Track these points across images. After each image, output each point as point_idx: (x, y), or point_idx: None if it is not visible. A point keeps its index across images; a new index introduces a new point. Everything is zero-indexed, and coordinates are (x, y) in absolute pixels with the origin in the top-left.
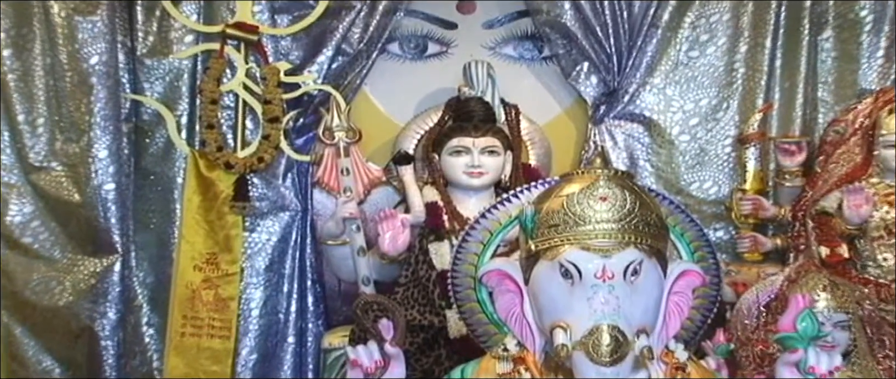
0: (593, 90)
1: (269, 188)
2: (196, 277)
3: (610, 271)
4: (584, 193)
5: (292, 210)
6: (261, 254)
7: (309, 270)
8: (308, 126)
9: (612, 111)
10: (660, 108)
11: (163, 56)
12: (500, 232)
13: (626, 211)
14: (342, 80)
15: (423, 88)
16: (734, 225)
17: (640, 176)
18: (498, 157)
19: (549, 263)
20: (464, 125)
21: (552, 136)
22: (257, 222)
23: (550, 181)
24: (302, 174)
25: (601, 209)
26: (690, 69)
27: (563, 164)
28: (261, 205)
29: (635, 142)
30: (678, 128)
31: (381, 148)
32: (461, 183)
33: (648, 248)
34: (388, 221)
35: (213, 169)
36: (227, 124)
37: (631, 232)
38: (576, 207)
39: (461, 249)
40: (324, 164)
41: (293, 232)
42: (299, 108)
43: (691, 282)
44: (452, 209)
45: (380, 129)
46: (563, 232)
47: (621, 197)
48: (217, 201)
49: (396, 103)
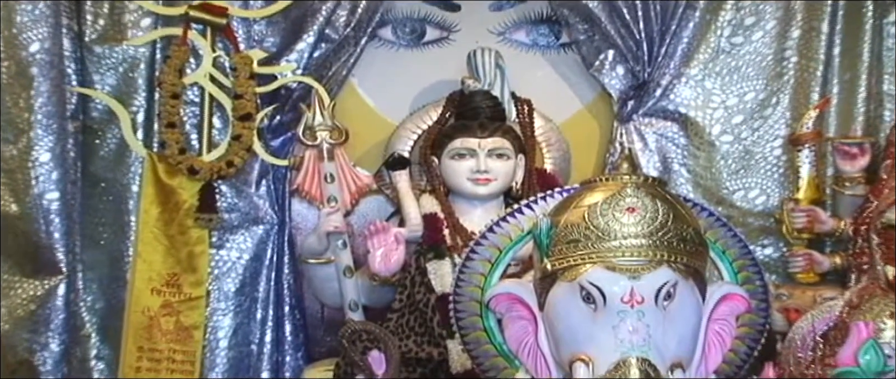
0: (620, 83)
1: (240, 197)
2: (154, 302)
3: (639, 295)
4: (608, 204)
5: (267, 223)
6: (230, 274)
7: (286, 293)
8: (286, 125)
9: (641, 107)
10: (697, 104)
11: (115, 43)
12: (510, 249)
13: (658, 224)
14: (326, 71)
15: (420, 81)
16: (785, 241)
17: (675, 183)
18: (508, 162)
19: (567, 284)
20: (468, 124)
21: (571, 137)
22: (226, 237)
23: (569, 189)
24: (278, 181)
25: (629, 222)
26: (733, 58)
27: (583, 170)
28: (230, 217)
29: (669, 143)
30: (719, 127)
31: (372, 150)
32: (465, 191)
33: (684, 267)
34: (379, 236)
35: (175, 175)
36: (190, 123)
37: (664, 249)
38: (599, 220)
39: (465, 269)
40: (304, 169)
41: (268, 249)
42: (275, 104)
43: (735, 307)
44: (455, 222)
45: (370, 129)
46: (584, 249)
47: (652, 208)
48: (179, 213)
49: (389, 98)
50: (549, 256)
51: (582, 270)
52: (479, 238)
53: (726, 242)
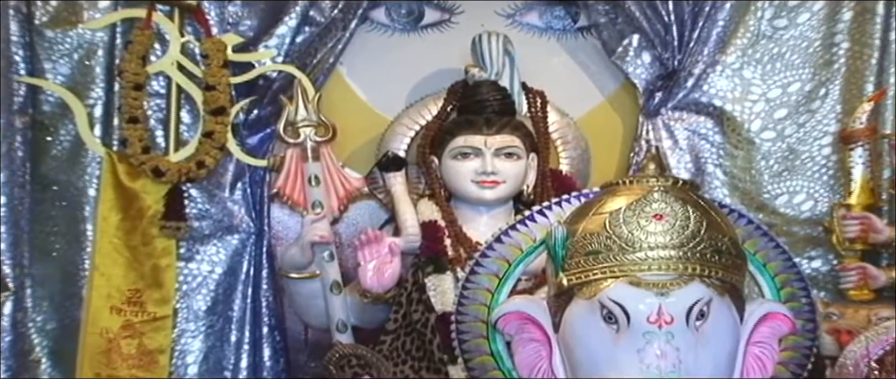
0: (646, 72)
1: (211, 203)
2: (114, 323)
3: (668, 314)
4: (632, 210)
5: (243, 232)
6: (201, 291)
7: (265, 312)
8: (264, 120)
9: (670, 100)
10: (735, 96)
11: (70, 26)
12: (520, 261)
13: (690, 233)
14: (310, 59)
15: (417, 70)
16: (835, 252)
17: (709, 186)
18: (518, 162)
19: (586, 302)
20: (472, 119)
21: (590, 133)
22: (196, 249)
23: (588, 193)
24: (256, 184)
25: (656, 231)
26: (776, 43)
27: (604, 171)
28: (201, 225)
29: (702, 141)
30: (760, 122)
31: (363, 149)
32: (469, 195)
33: (719, 282)
34: (371, 247)
35: (137, 177)
36: (155, 117)
37: (696, 261)
38: (622, 229)
39: (469, 285)
40: (286, 170)
41: (244, 261)
42: (253, 97)
43: (777, 328)
44: (457, 230)
45: (361, 124)
46: (605, 261)
47: (682, 215)
48: (142, 221)
49: (382, 89)
50: (566, 269)
51: (603, 286)
52: (486, 249)
53: (767, 253)
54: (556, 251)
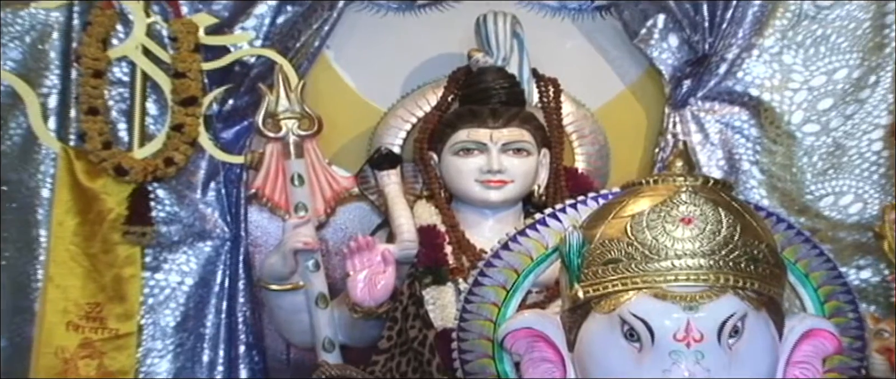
0: (673, 57)
1: (181, 205)
2: (70, 341)
3: (697, 331)
4: (657, 213)
5: (217, 238)
6: (169, 304)
7: (242, 328)
8: (241, 111)
9: (700, 88)
10: (773, 84)
11: (21, 5)
12: (530, 271)
13: (722, 239)
14: (293, 42)
15: (414, 55)
16: (887, 261)
17: (744, 186)
18: (528, 159)
19: (605, 317)
20: (477, 110)
21: (610, 127)
22: (164, 257)
23: (607, 194)
24: (231, 184)
25: (683, 237)
26: (820, 24)
27: (626, 169)
28: (169, 230)
29: (736, 135)
30: (802, 113)
31: (353, 144)
32: (473, 197)
33: (755, 295)
34: (361, 255)
35: (98, 176)
36: (118, 108)
37: (729, 271)
38: (645, 234)
39: (473, 297)
40: (265, 168)
41: (218, 271)
42: (228, 85)
43: (821, 347)
44: (459, 236)
45: (350, 116)
46: (626, 271)
47: (714, 218)
48: (102, 225)
49: (375, 77)
50: (582, 280)
51: (623, 299)
52: (491, 258)
53: (810, 262)
54: (570, 260)
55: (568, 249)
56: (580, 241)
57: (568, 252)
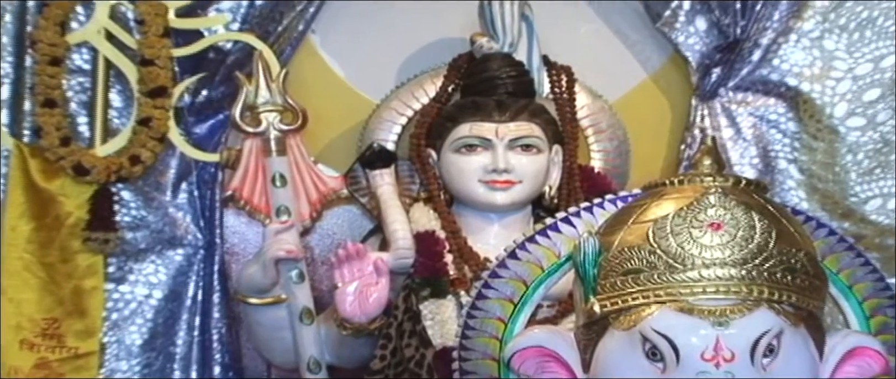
0: (700, 42)
1: (149, 208)
2: (25, 361)
3: (727, 349)
4: (683, 218)
5: (189, 246)
6: (135, 320)
7: (217, 347)
8: (216, 104)
9: (732, 78)
10: (814, 73)
11: None
12: (541, 282)
13: (755, 247)
14: (274, 26)
15: (410, 40)
16: None
17: (781, 187)
18: (538, 157)
19: (624, 334)
20: (480, 102)
21: (630, 120)
22: (129, 267)
23: (627, 196)
24: (205, 185)
25: (712, 244)
26: (866, 5)
27: (647, 168)
28: (135, 237)
29: (771, 129)
30: (845, 105)
31: (341, 140)
32: (476, 199)
33: (792, 309)
34: (351, 265)
35: (55, 176)
36: (78, 100)
37: (763, 283)
38: (669, 241)
39: (476, 312)
40: (243, 167)
41: (190, 283)
42: (201, 73)
43: (866, 367)
44: (461, 244)
45: (338, 109)
46: (648, 282)
47: (746, 223)
48: (61, 231)
49: (366, 65)
50: (598, 293)
51: (645, 314)
52: (497, 267)
53: (854, 272)
54: (585, 270)
55: (583, 258)
56: (596, 248)
57: (583, 261)
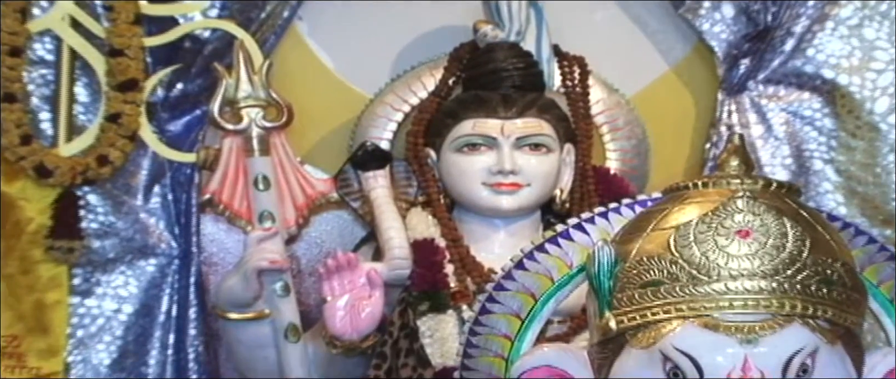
0: (727, 30)
1: (118, 214)
2: None
3: (757, 369)
4: (707, 224)
5: (162, 255)
6: (103, 338)
7: (193, 367)
8: (192, 98)
9: (761, 70)
10: (852, 64)
11: None
12: (550, 296)
13: (787, 257)
14: (257, 12)
15: (406, 28)
16: None
17: (816, 190)
18: (548, 157)
19: (643, 352)
20: (485, 96)
21: (649, 117)
22: (97, 279)
23: (645, 200)
24: (180, 188)
25: (740, 254)
26: None
27: (668, 169)
28: (103, 245)
29: (806, 126)
30: (888, 100)
31: (331, 138)
32: (480, 203)
33: (828, 325)
34: (342, 276)
35: (15, 178)
36: (40, 95)
37: (796, 296)
38: (693, 250)
39: (480, 328)
40: (222, 168)
41: (164, 296)
42: (176, 65)
43: None
44: (463, 253)
45: (327, 104)
46: (668, 296)
47: (777, 231)
48: (20, 240)
49: (358, 55)
50: (615, 307)
51: (666, 330)
52: (502, 279)
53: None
54: (600, 282)
55: (597, 269)
56: (612, 258)
57: (597, 272)
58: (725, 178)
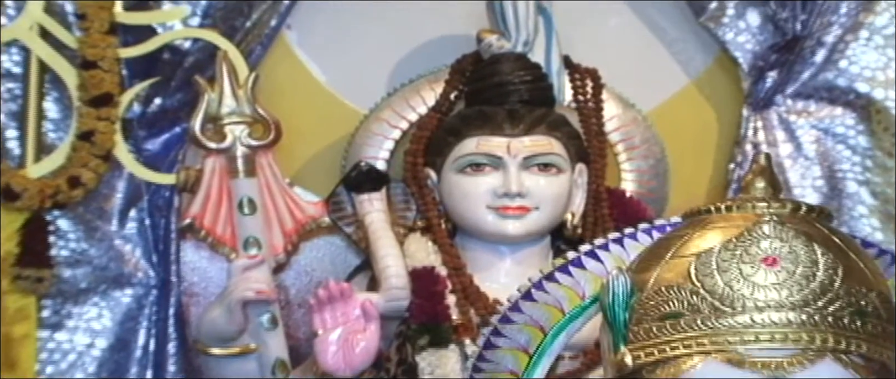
0: (753, 40)
1: (91, 240)
2: None
3: None
4: (731, 251)
5: (139, 285)
6: (75, 374)
7: None
8: (171, 114)
9: (790, 83)
10: (889, 77)
11: None
12: (561, 329)
13: (818, 287)
14: (242, 21)
15: (404, 38)
16: None
17: (849, 215)
18: (558, 178)
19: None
20: (489, 112)
21: (668, 134)
22: (68, 310)
23: (664, 225)
24: (159, 212)
25: (766, 283)
26: None
27: (689, 191)
28: (75, 275)
29: (838, 145)
30: None
31: (322, 158)
32: (484, 228)
33: (862, 361)
34: (334, 308)
35: None
36: (6, 110)
37: (827, 329)
38: (715, 280)
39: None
40: (204, 191)
41: (141, 329)
42: (154, 78)
43: None
44: (466, 282)
45: (318, 120)
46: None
47: (807, 258)
48: None
49: (351, 68)
50: (631, 341)
51: (686, 366)
52: (509, 311)
53: None
54: (615, 314)
55: (612, 300)
56: (628, 288)
57: (612, 303)
58: (750, 201)
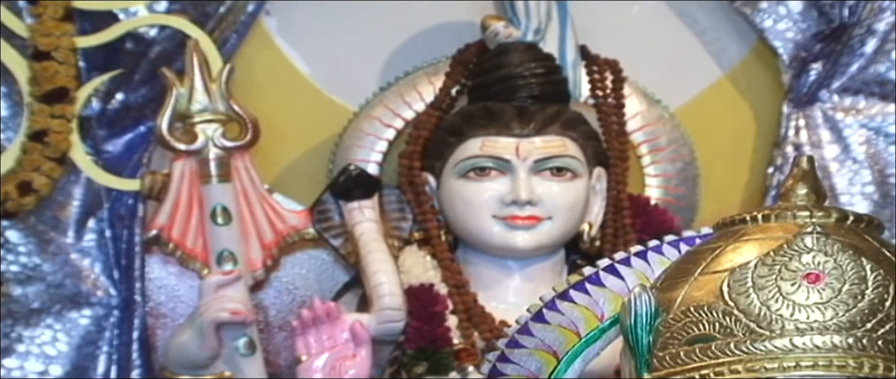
0: (794, 28)
1: (44, 254)
2: None
3: None
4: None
5: (99, 305)
6: None
7: None
8: (135, 112)
9: (836, 76)
10: None
11: None
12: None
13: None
14: (214, 6)
15: (399, 26)
16: None
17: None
18: (573, 183)
19: None
20: (496, 109)
21: (698, 134)
22: (18, 333)
23: (693, 237)
24: (121, 222)
25: (809, 303)
26: None
27: (721, 198)
28: (25, 293)
29: (890, 146)
30: None
31: (306, 160)
32: (490, 241)
33: None
34: (320, 330)
35: None
36: None
37: (877, 354)
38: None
39: None
40: (172, 198)
41: (100, 356)
42: (116, 70)
43: None
44: (469, 301)
45: (302, 119)
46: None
47: (855, 275)
48: None
49: (339, 59)
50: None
51: None
52: (517, 334)
53: None
54: (638, 337)
55: (634, 321)
56: (652, 308)
57: (634, 325)
58: (791, 209)
